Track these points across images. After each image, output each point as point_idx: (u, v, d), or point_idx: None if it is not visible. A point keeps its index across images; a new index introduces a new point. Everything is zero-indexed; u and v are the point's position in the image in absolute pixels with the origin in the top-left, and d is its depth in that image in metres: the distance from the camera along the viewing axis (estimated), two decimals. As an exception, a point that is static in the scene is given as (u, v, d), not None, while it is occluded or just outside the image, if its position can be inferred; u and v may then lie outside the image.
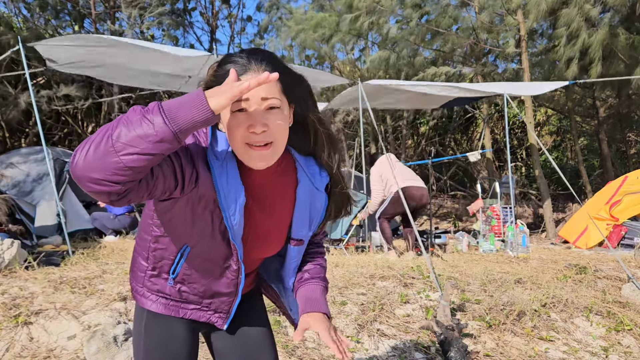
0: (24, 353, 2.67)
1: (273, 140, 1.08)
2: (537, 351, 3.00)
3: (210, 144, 1.13)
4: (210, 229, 1.16)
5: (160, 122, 0.89)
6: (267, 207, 1.25)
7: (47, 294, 3.44)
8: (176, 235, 1.20)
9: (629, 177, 7.01)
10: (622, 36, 7.51)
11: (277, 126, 1.08)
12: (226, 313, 1.36)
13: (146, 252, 1.28)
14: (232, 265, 1.24)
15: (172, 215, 1.16)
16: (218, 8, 14.82)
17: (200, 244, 1.19)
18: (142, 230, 1.28)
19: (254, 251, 1.28)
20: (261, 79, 0.96)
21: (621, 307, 3.73)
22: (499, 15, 9.13)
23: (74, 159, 0.90)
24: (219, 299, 1.32)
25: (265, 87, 1.05)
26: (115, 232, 6.96)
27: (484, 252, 6.06)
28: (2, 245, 4.11)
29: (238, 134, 1.06)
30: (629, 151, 13.27)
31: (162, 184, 1.00)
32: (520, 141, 15.05)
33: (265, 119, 1.05)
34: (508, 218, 7.17)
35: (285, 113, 1.11)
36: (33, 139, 11.37)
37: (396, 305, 3.53)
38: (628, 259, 5.39)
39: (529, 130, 8.44)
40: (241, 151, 1.08)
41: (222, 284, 1.28)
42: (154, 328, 1.32)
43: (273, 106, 1.06)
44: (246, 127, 1.05)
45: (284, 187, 1.26)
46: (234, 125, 1.06)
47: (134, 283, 1.34)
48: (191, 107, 0.92)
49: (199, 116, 0.92)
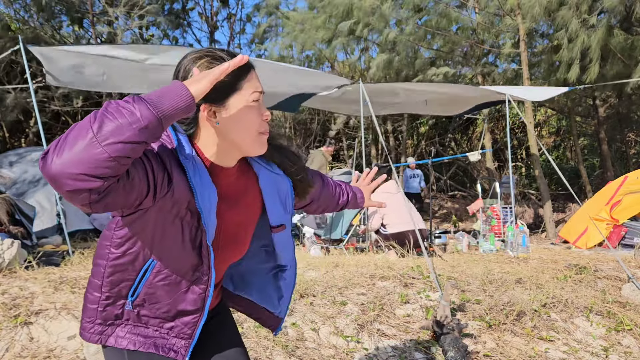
0: (24, 353, 2.67)
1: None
2: (537, 351, 3.00)
3: (177, 147, 1.11)
4: (180, 238, 1.12)
5: (144, 109, 0.89)
6: (235, 206, 1.25)
7: (47, 294, 3.43)
8: (141, 250, 1.15)
9: (629, 177, 7.01)
10: (620, 37, 7.51)
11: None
12: (189, 338, 1.25)
13: (100, 280, 1.20)
14: (201, 276, 1.18)
15: (139, 227, 1.12)
16: (217, 8, 14.83)
17: (167, 256, 1.15)
18: (96, 258, 1.23)
19: (224, 254, 1.27)
20: (237, 60, 1.03)
21: (621, 307, 3.73)
22: (498, 16, 9.14)
23: (46, 159, 0.83)
24: (182, 320, 1.23)
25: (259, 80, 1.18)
26: (115, 232, 6.96)
27: (484, 252, 6.06)
28: (2, 245, 4.11)
29: (256, 122, 1.15)
30: (629, 151, 13.28)
31: (137, 186, 0.98)
32: (521, 141, 15.06)
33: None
34: (508, 218, 7.17)
35: None
36: (33, 139, 11.38)
37: (396, 305, 3.53)
38: (628, 259, 5.39)
39: (529, 131, 8.45)
40: (254, 139, 1.16)
41: (189, 301, 1.20)
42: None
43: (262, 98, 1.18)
44: (260, 116, 1.16)
45: (246, 184, 1.28)
46: (252, 115, 1.14)
47: (85, 321, 1.24)
48: (172, 95, 0.94)
49: (179, 103, 0.94)
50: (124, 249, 1.16)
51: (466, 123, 15.16)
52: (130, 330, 1.23)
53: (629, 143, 13.46)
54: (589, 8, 7.50)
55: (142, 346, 1.22)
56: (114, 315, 1.22)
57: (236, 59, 1.03)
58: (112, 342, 1.22)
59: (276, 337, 2.87)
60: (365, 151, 6.97)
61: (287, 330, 3.01)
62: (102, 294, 1.21)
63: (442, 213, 12.51)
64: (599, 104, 10.58)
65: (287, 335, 2.96)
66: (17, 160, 6.95)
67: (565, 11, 7.51)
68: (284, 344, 2.82)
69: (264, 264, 1.43)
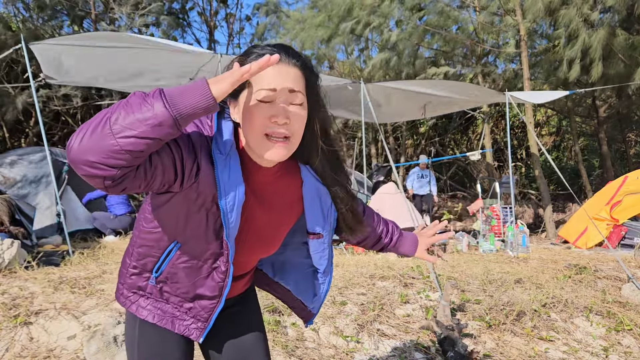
0: (24, 353, 2.67)
1: (291, 135, 1.06)
2: (537, 351, 3.00)
3: (215, 136, 1.08)
4: (204, 227, 1.12)
5: (160, 106, 0.87)
6: (268, 206, 1.22)
7: (47, 294, 3.44)
8: (167, 231, 1.17)
9: (629, 177, 7.01)
10: (621, 36, 7.50)
11: (298, 122, 1.07)
12: (205, 322, 1.27)
13: (132, 249, 1.25)
14: (221, 266, 1.18)
15: (166, 210, 1.13)
16: (216, 8, 14.83)
17: (190, 242, 1.16)
18: (134, 228, 1.27)
19: (249, 251, 1.25)
20: (262, 62, 0.94)
21: (621, 307, 3.73)
22: (498, 16, 9.14)
23: (70, 142, 0.87)
24: (200, 304, 1.25)
25: (294, 80, 1.05)
26: (115, 232, 6.95)
27: (484, 252, 6.06)
28: (2, 245, 4.11)
29: (259, 122, 1.04)
30: (629, 151, 13.27)
31: (160, 175, 0.97)
32: (520, 141, 15.06)
33: (288, 112, 1.04)
34: (508, 218, 7.18)
35: (305, 111, 1.09)
36: (33, 139, 11.38)
37: (396, 305, 3.53)
38: (628, 259, 5.39)
39: (529, 131, 8.45)
40: (258, 141, 1.06)
41: (207, 286, 1.22)
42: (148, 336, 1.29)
43: (299, 102, 1.06)
44: (268, 117, 1.04)
45: (288, 186, 1.24)
46: (256, 114, 1.04)
47: (118, 282, 1.32)
48: (193, 93, 0.91)
49: (200, 102, 0.90)
50: (152, 225, 1.18)
51: (466, 123, 15.16)
52: (152, 303, 1.27)
53: (629, 143, 13.46)
54: (590, 7, 7.49)
55: (160, 320, 1.26)
56: (137, 286, 1.26)
57: (262, 60, 0.94)
58: (133, 309, 1.27)
59: (276, 337, 2.87)
60: (365, 151, 6.96)
61: (287, 330, 3.01)
62: (130, 262, 1.26)
63: (442, 213, 12.51)
64: (599, 104, 10.58)
65: (287, 335, 2.96)
66: (17, 160, 6.94)
67: (567, 10, 7.51)
68: (284, 343, 2.82)
69: (304, 259, 1.41)
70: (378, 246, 1.56)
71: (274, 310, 3.19)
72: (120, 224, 6.99)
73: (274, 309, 3.20)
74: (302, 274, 1.43)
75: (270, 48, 1.07)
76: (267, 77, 1.03)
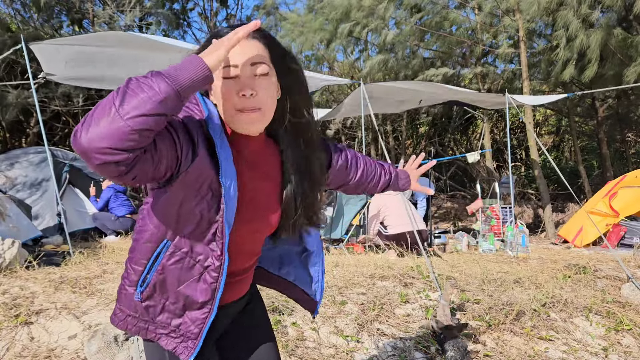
0: (25, 353, 2.67)
1: (261, 107, 1.10)
2: (536, 351, 3.01)
3: (207, 118, 1.11)
4: (199, 216, 1.11)
5: (162, 82, 0.92)
6: (260, 173, 1.23)
7: (47, 293, 3.44)
8: (160, 227, 1.15)
9: (627, 177, 7.03)
10: (619, 36, 7.51)
11: (266, 92, 1.11)
12: (195, 339, 1.20)
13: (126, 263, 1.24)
14: (214, 261, 1.15)
15: (164, 201, 1.13)
16: (216, 9, 14.83)
17: (184, 235, 1.14)
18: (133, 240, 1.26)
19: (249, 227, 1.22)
20: (250, 26, 1.00)
21: (621, 307, 3.74)
22: (496, 16, 9.15)
23: (76, 134, 0.89)
24: (190, 316, 1.19)
25: (255, 52, 1.09)
26: (115, 233, 6.96)
27: (484, 252, 6.07)
28: (2, 245, 4.12)
29: (229, 100, 1.09)
30: (628, 151, 13.28)
31: (165, 159, 1.00)
32: (520, 141, 15.06)
33: (255, 84, 1.09)
34: (508, 218, 7.18)
35: (274, 80, 1.13)
36: (34, 139, 11.39)
37: (396, 305, 3.54)
38: (628, 259, 5.40)
39: (529, 131, 8.46)
40: (233, 117, 1.11)
41: (200, 290, 1.17)
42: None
43: (262, 72, 1.09)
44: (236, 93, 1.08)
45: (273, 153, 1.27)
46: (224, 92, 1.09)
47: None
48: (190, 66, 0.95)
49: (198, 73, 0.95)
50: (147, 221, 1.18)
51: (466, 123, 15.16)
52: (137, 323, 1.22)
53: (628, 143, 13.46)
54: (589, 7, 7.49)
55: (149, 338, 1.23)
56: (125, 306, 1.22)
57: (250, 24, 1.01)
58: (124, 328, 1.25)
59: (276, 337, 2.87)
60: (365, 151, 6.97)
61: (287, 329, 3.02)
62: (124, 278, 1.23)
63: (442, 213, 12.52)
64: (598, 104, 10.59)
65: (287, 334, 2.97)
66: (17, 160, 6.95)
67: (565, 11, 7.51)
68: (284, 343, 2.83)
69: (295, 247, 1.45)
70: (380, 188, 1.66)
71: (274, 309, 3.20)
72: (121, 225, 6.99)
73: (274, 309, 3.20)
74: (296, 262, 1.45)
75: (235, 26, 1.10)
76: (230, 55, 1.07)
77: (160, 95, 0.90)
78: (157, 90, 0.91)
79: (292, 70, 1.19)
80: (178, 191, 1.09)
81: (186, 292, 1.17)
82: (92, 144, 0.87)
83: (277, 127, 1.22)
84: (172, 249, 1.16)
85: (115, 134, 0.87)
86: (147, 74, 0.94)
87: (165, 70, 0.95)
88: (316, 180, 1.32)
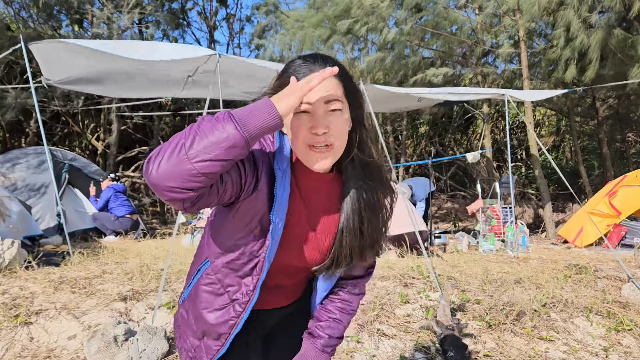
0: (24, 353, 2.67)
1: (333, 142, 1.09)
2: (537, 351, 3.01)
3: (277, 151, 1.12)
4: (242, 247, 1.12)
5: (232, 129, 0.92)
6: (320, 206, 1.21)
7: (47, 294, 3.44)
8: (208, 244, 1.21)
9: (628, 177, 7.02)
10: (620, 36, 7.50)
11: (338, 128, 1.09)
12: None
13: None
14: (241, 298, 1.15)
15: (217, 221, 1.18)
16: (216, 8, 14.82)
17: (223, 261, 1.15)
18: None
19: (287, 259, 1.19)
20: (326, 73, 0.99)
21: (621, 307, 3.73)
22: (497, 16, 9.14)
23: (148, 167, 0.92)
24: (206, 343, 1.20)
25: (329, 89, 1.07)
26: (115, 233, 6.95)
27: (484, 252, 6.06)
28: (2, 245, 4.11)
29: (301, 135, 1.08)
30: (629, 151, 13.27)
31: (230, 188, 1.02)
32: (520, 141, 15.06)
33: (327, 120, 1.07)
34: (508, 218, 7.18)
35: (346, 116, 1.12)
36: (34, 139, 11.38)
37: (396, 305, 3.53)
38: (628, 259, 5.39)
39: (529, 131, 8.45)
40: (303, 153, 1.10)
41: (220, 321, 1.17)
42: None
43: (336, 108, 1.08)
44: (308, 129, 1.07)
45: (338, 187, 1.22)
46: (296, 127, 1.08)
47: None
48: (261, 113, 0.95)
49: (268, 121, 0.95)
50: (203, 234, 1.26)
51: (466, 123, 15.16)
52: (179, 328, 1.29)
53: (629, 143, 13.45)
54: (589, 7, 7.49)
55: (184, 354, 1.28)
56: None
57: (325, 71, 1.00)
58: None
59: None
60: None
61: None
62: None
63: (442, 213, 12.51)
64: (598, 104, 10.58)
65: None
66: (17, 160, 6.94)
67: (565, 11, 7.50)
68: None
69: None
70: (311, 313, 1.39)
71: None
72: (121, 225, 6.98)
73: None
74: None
75: (309, 61, 1.10)
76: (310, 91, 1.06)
77: (228, 142, 0.91)
78: (226, 136, 0.91)
79: (361, 104, 1.18)
80: (232, 218, 1.11)
81: (208, 319, 1.19)
82: (161, 182, 0.91)
83: (342, 160, 1.19)
84: (209, 270, 1.19)
85: (182, 174, 0.90)
86: (219, 115, 0.95)
87: (237, 112, 0.95)
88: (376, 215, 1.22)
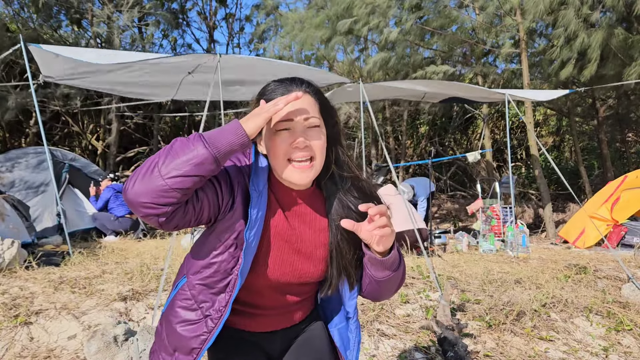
0: (24, 353, 2.67)
1: (313, 156, 1.14)
2: (537, 351, 3.00)
3: (252, 171, 1.16)
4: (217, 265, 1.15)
5: (201, 147, 1.00)
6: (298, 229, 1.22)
7: (47, 294, 3.44)
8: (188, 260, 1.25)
9: (629, 177, 7.02)
10: (620, 36, 7.50)
11: (317, 143, 1.14)
12: None
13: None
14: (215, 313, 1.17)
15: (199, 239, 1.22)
16: (215, 8, 14.82)
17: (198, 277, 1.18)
18: None
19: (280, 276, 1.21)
20: (290, 97, 1.07)
21: (621, 307, 3.73)
22: (497, 16, 9.14)
23: (126, 186, 1.00)
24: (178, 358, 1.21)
25: (307, 105, 1.14)
26: (115, 233, 6.95)
27: (484, 252, 6.06)
28: (2, 245, 4.11)
29: (281, 150, 1.13)
30: (629, 151, 13.27)
31: (207, 208, 1.08)
32: (520, 141, 15.05)
33: (307, 135, 1.13)
34: (508, 218, 7.17)
35: (324, 131, 1.18)
36: (33, 139, 11.39)
37: (396, 305, 3.53)
38: (628, 259, 5.39)
39: (529, 131, 8.45)
40: (282, 167, 1.14)
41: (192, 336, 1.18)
42: None
43: (314, 125, 1.14)
44: (289, 144, 1.12)
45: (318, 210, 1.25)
46: (277, 142, 1.13)
47: None
48: (228, 133, 1.03)
49: (235, 140, 1.02)
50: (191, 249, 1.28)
51: (466, 123, 15.16)
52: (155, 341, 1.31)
53: (629, 143, 13.44)
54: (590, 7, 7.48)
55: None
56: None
57: (290, 96, 1.07)
58: None
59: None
60: (365, 151, 6.96)
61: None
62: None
63: (442, 213, 12.51)
64: (598, 105, 10.58)
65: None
66: (16, 160, 6.94)
67: (567, 10, 7.49)
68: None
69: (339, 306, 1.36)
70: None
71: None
72: (120, 225, 6.98)
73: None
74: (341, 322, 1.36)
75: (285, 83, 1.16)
76: (284, 109, 1.11)
77: (197, 159, 0.99)
78: (196, 154, 0.99)
79: (336, 122, 1.23)
80: (209, 236, 1.16)
81: (181, 333, 1.20)
82: (137, 199, 0.98)
83: (322, 177, 1.23)
84: (185, 286, 1.22)
85: (155, 190, 0.97)
86: (191, 136, 1.03)
87: (207, 133, 1.03)
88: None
